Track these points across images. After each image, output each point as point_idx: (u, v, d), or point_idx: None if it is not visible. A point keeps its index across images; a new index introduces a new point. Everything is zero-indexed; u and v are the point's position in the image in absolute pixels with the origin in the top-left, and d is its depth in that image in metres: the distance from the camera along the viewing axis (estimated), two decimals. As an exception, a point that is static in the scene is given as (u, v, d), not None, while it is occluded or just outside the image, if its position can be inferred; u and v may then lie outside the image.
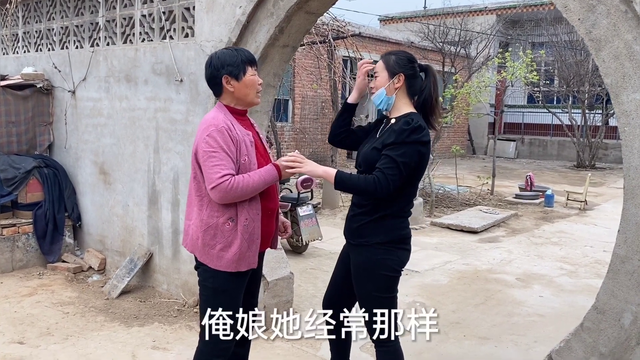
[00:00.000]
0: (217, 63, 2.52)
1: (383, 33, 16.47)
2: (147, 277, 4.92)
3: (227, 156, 2.40)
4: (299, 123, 13.33)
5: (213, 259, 2.49)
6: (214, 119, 2.48)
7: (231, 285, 2.53)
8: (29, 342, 3.80)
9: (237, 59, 2.51)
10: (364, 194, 2.46)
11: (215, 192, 2.39)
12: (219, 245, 2.47)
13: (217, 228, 2.47)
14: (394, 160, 2.39)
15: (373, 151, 2.53)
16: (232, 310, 2.55)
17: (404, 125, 2.45)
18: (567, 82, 16.90)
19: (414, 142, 2.43)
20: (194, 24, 4.32)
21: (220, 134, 2.41)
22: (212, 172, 2.38)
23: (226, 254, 2.47)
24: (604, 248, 7.11)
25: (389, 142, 2.45)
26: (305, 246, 6.19)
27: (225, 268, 2.48)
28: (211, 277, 2.52)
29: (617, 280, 2.51)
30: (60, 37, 5.63)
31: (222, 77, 2.51)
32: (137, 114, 4.87)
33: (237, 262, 2.49)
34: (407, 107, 2.59)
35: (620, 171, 16.24)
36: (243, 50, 2.60)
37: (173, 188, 4.62)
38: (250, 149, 2.52)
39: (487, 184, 11.17)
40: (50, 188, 5.37)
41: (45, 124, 5.73)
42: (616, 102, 2.46)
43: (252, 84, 2.56)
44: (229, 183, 2.37)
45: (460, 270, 5.93)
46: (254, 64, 2.57)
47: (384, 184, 2.37)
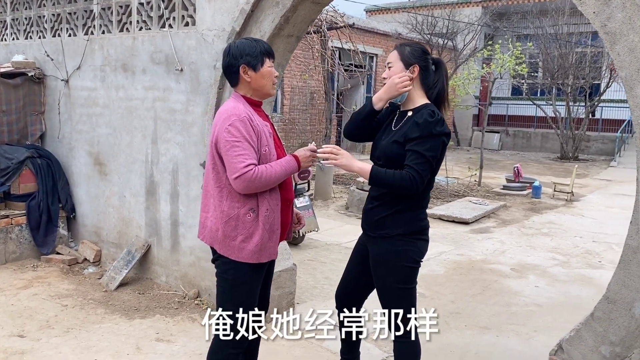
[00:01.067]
0: (235, 52, 2.50)
1: (371, 24, 16.44)
2: (145, 269, 4.87)
3: (250, 146, 2.39)
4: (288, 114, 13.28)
5: (234, 250, 2.47)
6: (234, 108, 2.45)
7: (251, 277, 2.52)
8: (29, 335, 3.74)
9: (256, 49, 2.50)
10: (399, 190, 2.45)
11: (239, 182, 2.37)
12: (240, 236, 2.45)
13: (238, 219, 2.46)
14: (423, 156, 2.40)
15: (393, 145, 2.51)
16: (250, 302, 2.55)
17: (429, 117, 2.44)
18: (552, 75, 17.09)
19: (440, 135, 2.44)
20: (194, 13, 4.26)
21: (243, 124, 2.40)
22: (235, 161, 2.36)
23: (248, 245, 2.45)
24: (593, 239, 7.25)
25: (414, 136, 2.43)
26: (302, 238, 6.19)
27: (246, 259, 2.47)
28: (232, 269, 2.49)
29: (629, 271, 2.55)
30: (52, 25, 5.51)
31: (240, 67, 2.49)
32: (134, 104, 4.79)
33: (259, 253, 2.48)
34: (421, 99, 2.59)
35: (602, 163, 16.59)
36: (262, 41, 2.59)
37: (172, 179, 4.57)
38: (269, 139, 2.52)
39: (475, 175, 11.29)
40: (43, 179, 5.27)
41: (37, 113, 5.61)
42: (630, 95, 2.48)
43: (269, 75, 2.55)
44: (253, 173, 2.36)
45: (455, 261, 5.99)
46: (272, 56, 2.57)
47: (418, 180, 2.38)
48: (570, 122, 17.21)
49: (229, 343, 2.54)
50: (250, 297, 2.55)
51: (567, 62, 16.64)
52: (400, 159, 2.47)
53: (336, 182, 10.62)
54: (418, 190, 2.41)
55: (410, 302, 2.57)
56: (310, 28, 8.36)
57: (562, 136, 17.24)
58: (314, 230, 6.21)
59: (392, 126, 2.61)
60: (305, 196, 6.22)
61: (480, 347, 3.82)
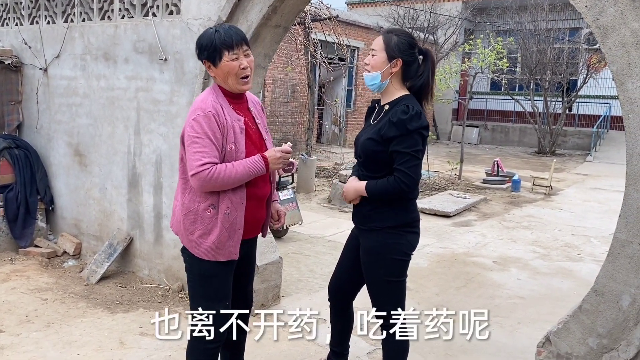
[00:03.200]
0: (197, 45, 2.41)
1: (353, 17, 16.39)
2: (127, 262, 4.79)
3: (211, 143, 2.29)
4: (269, 106, 13.18)
5: (192, 244, 2.41)
6: (202, 102, 2.36)
7: (218, 270, 2.44)
8: (8, 330, 3.65)
9: (212, 42, 2.32)
10: (398, 194, 2.45)
11: (195, 180, 2.30)
12: (198, 231, 2.38)
13: (197, 214, 2.38)
14: (406, 154, 2.39)
15: (369, 141, 2.51)
16: (221, 295, 2.48)
17: (402, 115, 2.41)
18: (530, 70, 17.28)
19: (416, 129, 2.42)
20: (179, 1, 4.17)
21: (206, 119, 2.30)
22: (193, 158, 2.29)
23: (205, 242, 2.38)
24: (572, 232, 7.36)
25: (391, 135, 2.42)
26: (285, 230, 6.16)
27: (203, 255, 2.39)
28: (197, 263, 2.43)
29: (617, 264, 2.58)
30: (29, 12, 5.35)
31: (204, 62, 2.41)
32: (116, 94, 4.69)
33: (216, 251, 2.39)
34: (399, 92, 2.56)
35: (578, 157, 16.85)
36: (222, 31, 2.35)
37: (155, 171, 4.49)
38: (239, 136, 2.38)
39: (455, 169, 11.37)
40: (21, 170, 5.13)
41: (14, 102, 5.46)
42: (621, 89, 2.50)
43: (230, 69, 2.35)
44: (209, 172, 2.27)
45: (438, 254, 6.02)
46: (232, 48, 2.33)
47: (407, 180, 2.39)
48: (547, 117, 17.44)
49: (203, 339, 2.46)
50: (220, 291, 2.47)
51: (545, 58, 16.83)
52: (376, 155, 2.46)
53: (318, 175, 10.60)
54: (414, 188, 2.42)
55: (400, 295, 2.57)
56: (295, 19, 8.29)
57: (539, 131, 17.47)
58: (297, 223, 6.19)
59: (372, 120, 2.60)
60: (289, 189, 6.18)
61: (466, 340, 3.83)
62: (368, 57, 2.60)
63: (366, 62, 2.59)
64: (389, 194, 2.45)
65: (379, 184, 2.46)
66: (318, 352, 3.46)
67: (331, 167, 12.06)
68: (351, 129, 16.30)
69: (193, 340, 2.51)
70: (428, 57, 2.61)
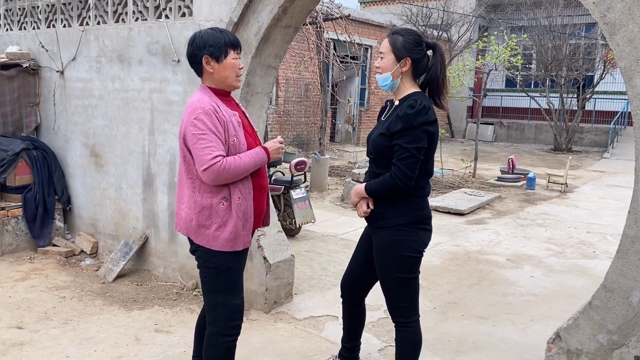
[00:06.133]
0: (199, 42, 2.49)
1: (366, 15, 16.38)
2: (143, 261, 4.87)
3: (216, 137, 2.39)
4: (283, 106, 13.24)
5: (209, 239, 2.48)
6: (199, 101, 2.45)
7: (233, 263, 2.54)
8: (27, 327, 3.74)
9: (220, 40, 2.48)
10: (395, 190, 2.49)
11: (208, 174, 2.38)
12: (214, 225, 2.47)
13: (211, 208, 2.47)
14: (405, 149, 2.42)
15: (379, 137, 2.55)
16: (237, 288, 2.57)
17: (408, 109, 2.44)
18: (546, 67, 17.12)
19: (421, 125, 2.43)
20: (191, 3, 4.23)
21: (208, 116, 2.40)
22: (203, 154, 2.37)
23: (222, 234, 2.47)
24: (587, 229, 7.31)
25: (396, 129, 2.45)
26: (298, 229, 6.19)
27: (221, 247, 2.48)
28: (214, 257, 2.51)
29: (627, 260, 2.58)
30: (46, 15, 5.46)
31: (203, 57, 2.49)
32: (130, 95, 4.77)
33: (233, 241, 2.49)
34: (411, 88, 2.59)
35: (595, 154, 16.66)
36: (227, 32, 2.55)
37: (169, 170, 4.56)
38: (238, 129, 2.51)
39: (469, 167, 11.33)
40: (39, 170, 5.24)
41: (32, 104, 5.58)
42: (629, 85, 2.50)
43: (233, 67, 2.53)
44: (221, 164, 2.37)
45: (452, 252, 6.02)
46: (237, 48, 2.55)
47: (401, 175, 2.43)
48: (563, 114, 17.27)
49: (221, 333, 2.56)
50: (236, 283, 2.57)
51: (561, 54, 16.66)
52: (385, 150, 2.49)
53: (331, 174, 10.64)
54: (409, 183, 2.45)
55: (413, 292, 2.59)
56: (307, 19, 8.33)
57: (555, 128, 17.30)
58: (310, 221, 6.22)
59: (383, 117, 2.63)
60: (302, 188, 6.22)
61: (477, 337, 3.85)
62: (377, 60, 2.65)
63: (377, 65, 2.65)
64: (385, 191, 2.50)
65: (376, 181, 2.52)
66: (330, 349, 3.49)
67: (344, 165, 12.09)
68: (364, 128, 16.31)
69: (210, 335, 2.58)
70: (437, 50, 2.62)
